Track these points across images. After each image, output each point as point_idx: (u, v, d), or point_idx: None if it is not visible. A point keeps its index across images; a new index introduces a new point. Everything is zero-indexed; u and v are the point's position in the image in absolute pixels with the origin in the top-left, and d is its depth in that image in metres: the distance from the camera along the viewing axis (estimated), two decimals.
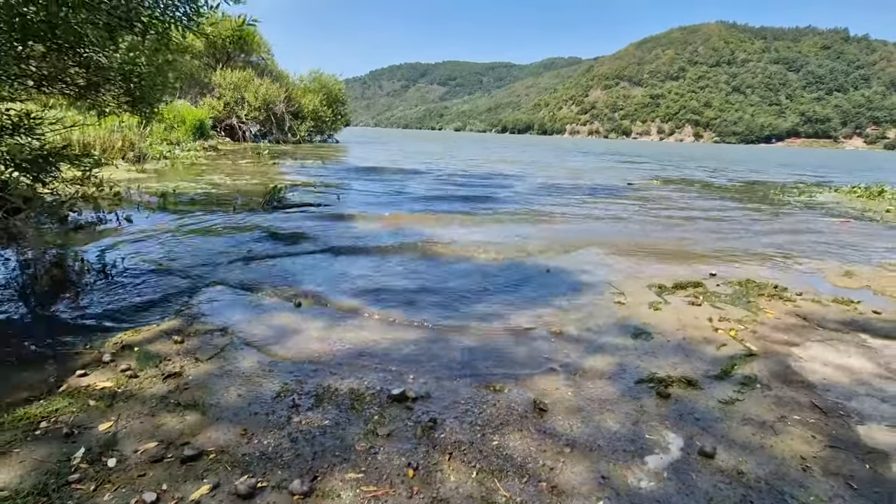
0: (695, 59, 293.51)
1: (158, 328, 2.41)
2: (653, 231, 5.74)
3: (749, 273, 3.97)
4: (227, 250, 3.95)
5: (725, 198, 9.70)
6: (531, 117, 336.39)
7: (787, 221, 6.88)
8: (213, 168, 10.55)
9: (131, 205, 5.79)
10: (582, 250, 4.58)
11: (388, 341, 2.42)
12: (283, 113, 23.56)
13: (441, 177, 11.27)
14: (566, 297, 3.22)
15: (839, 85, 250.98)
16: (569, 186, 10.34)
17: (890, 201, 9.85)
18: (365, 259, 3.95)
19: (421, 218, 5.96)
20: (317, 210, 6.10)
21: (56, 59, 3.71)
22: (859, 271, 4.13)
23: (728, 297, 3.25)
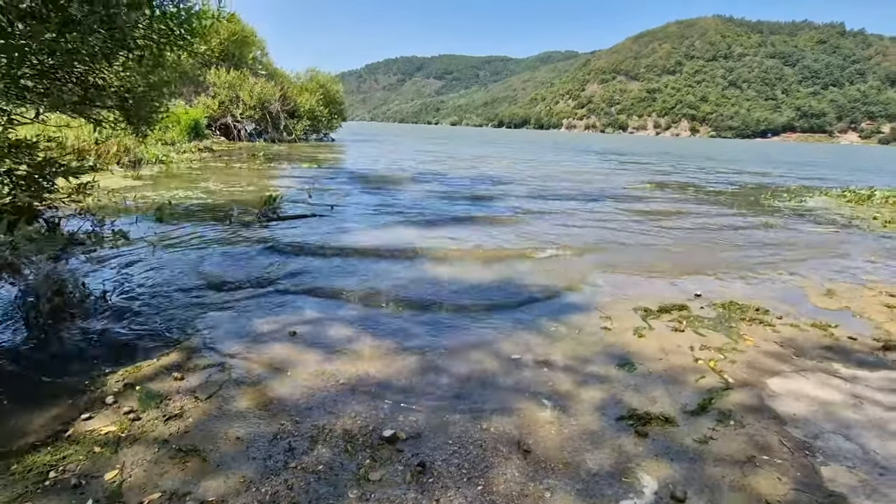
0: (691, 53, 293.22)
1: (158, 363, 2.49)
2: (642, 244, 5.84)
3: (733, 292, 4.08)
4: (223, 272, 4.03)
5: (716, 203, 9.82)
6: (528, 112, 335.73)
7: (775, 231, 7.00)
8: (208, 173, 10.57)
9: (128, 215, 5.85)
10: (573, 268, 4.68)
11: (382, 374, 2.51)
12: (279, 112, 23.50)
13: (433, 180, 11.33)
14: (555, 321, 3.32)
15: (835, 80, 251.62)
16: (563, 193, 10.43)
17: (878, 206, 10.01)
18: (357, 279, 4.03)
19: (411, 230, 6.04)
20: (310, 223, 6.16)
21: (49, 78, 3.75)
22: (840, 290, 4.25)
23: (710, 322, 3.36)
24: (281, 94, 23.78)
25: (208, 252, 4.59)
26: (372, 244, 5.23)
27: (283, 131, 23.81)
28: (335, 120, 28.65)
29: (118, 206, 6.46)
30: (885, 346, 3.03)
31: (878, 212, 9.10)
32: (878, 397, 2.38)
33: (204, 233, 5.32)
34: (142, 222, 5.60)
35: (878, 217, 8.42)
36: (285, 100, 24.29)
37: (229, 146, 19.30)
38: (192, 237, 5.10)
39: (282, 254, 4.67)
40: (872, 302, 3.94)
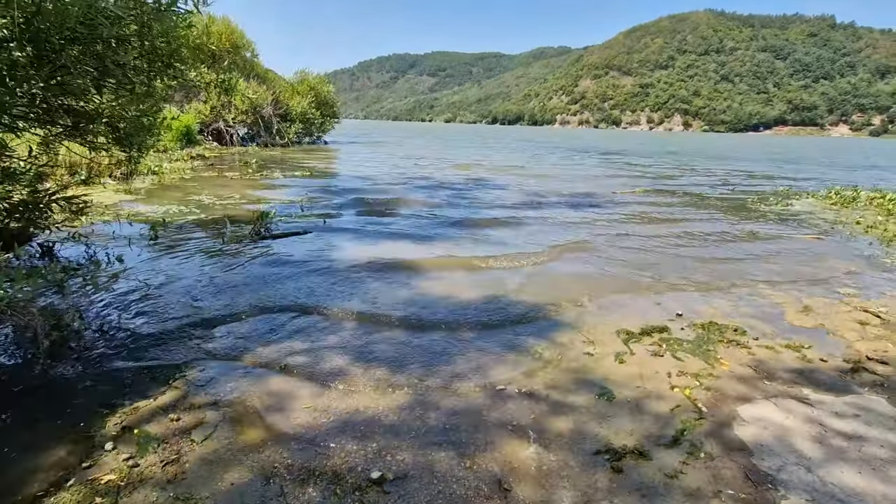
0: (684, 47, 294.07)
1: (156, 403, 2.59)
2: (628, 258, 5.97)
3: (714, 310, 4.22)
4: (217, 298, 4.11)
5: (704, 208, 9.97)
6: (521, 108, 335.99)
7: (760, 240, 7.16)
8: (201, 184, 10.61)
9: (122, 234, 5.90)
10: (560, 285, 4.80)
11: (372, 408, 2.62)
12: (271, 116, 23.47)
13: (425, 187, 11.43)
14: (540, 345, 3.44)
15: (825, 72, 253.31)
16: (553, 200, 10.55)
17: (862, 208, 10.20)
18: (349, 300, 4.13)
19: (403, 244, 6.14)
20: (303, 239, 6.24)
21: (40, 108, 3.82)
22: (817, 305, 4.40)
23: (689, 345, 3.48)
24: (273, 97, 23.73)
25: (202, 275, 4.67)
26: (363, 261, 5.33)
27: (276, 135, 23.78)
28: (328, 122, 28.61)
29: (111, 226, 6.50)
30: (853, 369, 3.17)
31: (861, 215, 9.28)
32: (841, 426, 2.51)
33: (198, 253, 5.39)
34: (136, 243, 5.67)
35: (860, 221, 8.59)
36: (277, 103, 24.25)
37: (221, 152, 19.29)
38: (187, 258, 5.17)
39: (274, 275, 4.76)
40: (846, 319, 4.08)
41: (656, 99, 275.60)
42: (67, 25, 2.53)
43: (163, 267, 4.87)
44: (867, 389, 2.94)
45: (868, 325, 3.97)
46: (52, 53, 2.78)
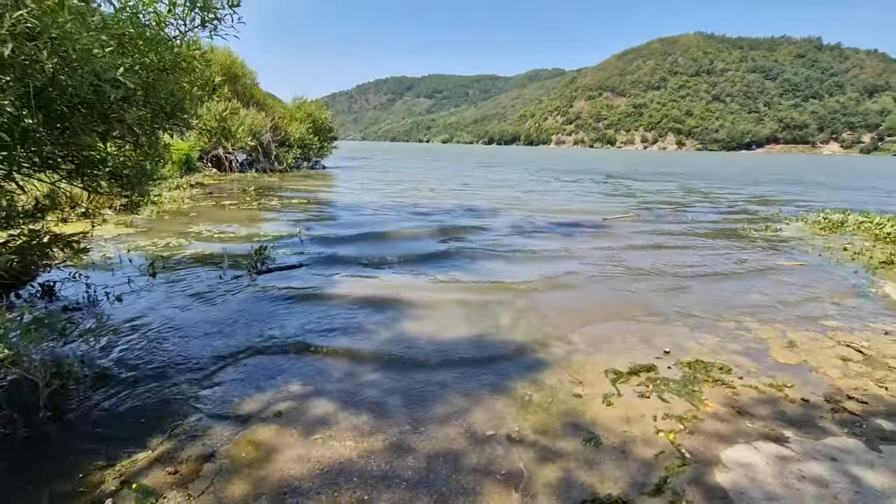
0: (675, 69, 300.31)
1: (153, 454, 2.66)
2: (618, 291, 6.09)
3: (701, 347, 4.32)
4: (214, 340, 4.20)
5: (693, 235, 10.14)
6: (517, 128, 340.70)
7: (748, 269, 7.30)
8: (200, 214, 10.76)
9: (121, 271, 6.00)
10: (549, 321, 4.90)
11: (359, 456, 2.69)
12: (270, 142, 23.84)
13: (421, 215, 11.61)
14: (529, 386, 3.53)
15: (814, 92, 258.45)
16: (546, 227, 10.72)
17: (850, 233, 10.39)
18: (341, 341, 4.22)
19: (393, 280, 6.25)
20: (300, 274, 6.35)
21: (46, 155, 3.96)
22: (801, 340, 4.50)
23: (675, 385, 3.58)
24: (272, 124, 24.14)
25: (200, 315, 4.76)
26: (356, 296, 5.43)
27: (275, 161, 24.11)
28: (325, 147, 29.04)
29: (111, 262, 6.61)
30: (833, 409, 3.26)
31: (849, 241, 9.46)
32: (817, 471, 2.60)
33: (196, 291, 5.49)
34: (135, 281, 5.76)
35: (847, 248, 8.76)
36: (276, 129, 24.66)
37: (220, 178, 19.53)
38: (185, 297, 5.27)
39: (269, 315, 4.85)
40: (829, 354, 4.18)
41: (650, 119, 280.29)
42: (77, 93, 2.69)
43: (161, 307, 4.96)
44: (846, 431, 3.03)
45: (850, 360, 4.08)
46: (61, 117, 2.94)
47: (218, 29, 3.93)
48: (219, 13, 3.82)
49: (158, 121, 4.12)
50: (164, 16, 3.64)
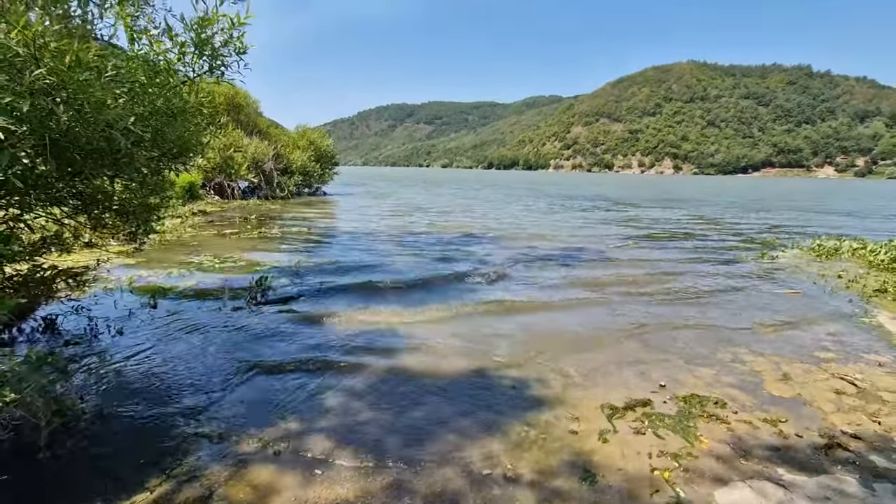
0: (670, 95, 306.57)
1: (152, 496, 2.67)
2: (616, 321, 6.14)
3: (696, 380, 4.35)
4: (212, 377, 4.23)
5: (690, 262, 10.24)
6: (516, 153, 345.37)
7: (745, 298, 7.36)
8: (201, 243, 10.88)
9: (122, 302, 6.05)
10: (546, 353, 4.94)
11: (357, 499, 2.70)
12: (272, 170, 24.21)
13: (420, 243, 11.74)
14: (524, 423, 3.55)
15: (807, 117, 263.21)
16: (545, 255, 10.82)
17: (846, 259, 10.49)
18: (338, 378, 4.25)
19: (392, 311, 6.31)
20: (298, 306, 6.41)
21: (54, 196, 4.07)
22: (795, 373, 4.54)
23: (671, 421, 3.60)
24: (274, 152, 24.58)
25: (200, 349, 4.80)
26: (354, 328, 5.48)
27: (277, 188, 24.43)
28: (327, 173, 29.47)
29: (112, 293, 6.68)
30: (828, 445, 3.28)
31: (843, 268, 9.54)
32: None
33: (196, 324, 5.54)
34: (136, 313, 5.82)
35: (842, 275, 8.84)
36: (278, 157, 25.09)
37: (223, 206, 19.76)
38: (185, 330, 5.32)
39: (268, 349, 4.89)
40: (823, 388, 4.21)
41: (646, 143, 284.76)
42: (89, 142, 2.82)
43: (161, 340, 5.00)
44: (840, 468, 3.05)
45: (844, 394, 4.10)
46: (73, 163, 3.07)
47: (225, 74, 4.13)
48: (226, 60, 4.02)
49: (166, 161, 4.28)
50: (174, 63, 3.84)
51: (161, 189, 4.79)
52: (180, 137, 3.86)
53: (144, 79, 3.45)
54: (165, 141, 3.69)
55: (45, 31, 2.42)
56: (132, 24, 3.63)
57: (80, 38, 2.82)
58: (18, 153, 2.45)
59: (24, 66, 2.50)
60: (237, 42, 3.91)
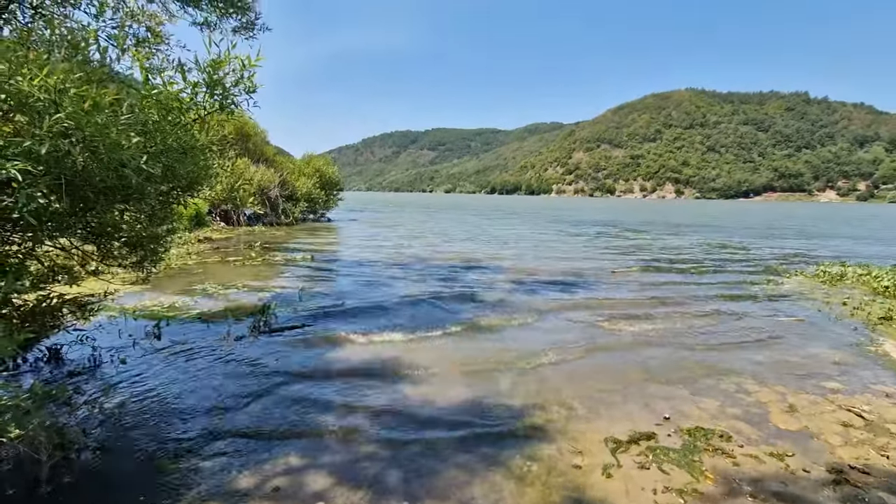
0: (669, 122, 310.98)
1: None
2: (619, 352, 6.11)
3: (701, 412, 4.31)
4: (212, 411, 4.23)
5: (693, 289, 10.21)
6: (519, 178, 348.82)
7: (749, 326, 7.32)
8: (206, 271, 10.97)
9: (126, 331, 6.09)
10: (548, 385, 4.91)
11: None
12: (278, 196, 24.55)
13: (423, 271, 11.79)
14: (527, 457, 3.52)
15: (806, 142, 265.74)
16: (548, 281, 10.84)
17: (850, 286, 10.44)
18: (338, 411, 4.24)
19: (394, 342, 6.30)
20: (300, 335, 6.43)
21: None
22: (801, 404, 4.48)
23: (675, 455, 3.56)
24: (280, 179, 24.98)
25: (201, 381, 4.81)
26: (355, 361, 5.48)
27: (282, 214, 24.72)
28: (332, 200, 29.83)
29: (116, 321, 6.72)
30: (835, 480, 3.23)
31: (848, 295, 9.50)
32: None
33: (199, 354, 5.56)
34: (140, 343, 5.85)
35: (847, 302, 8.79)
36: (284, 184, 25.47)
37: (228, 233, 19.97)
38: (187, 361, 5.33)
39: (268, 381, 4.89)
40: (830, 420, 4.16)
41: (647, 168, 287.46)
42: (103, 181, 2.93)
43: (163, 371, 5.02)
44: None
45: (851, 426, 4.05)
46: (86, 200, 3.17)
47: (235, 113, 4.28)
48: (236, 99, 4.18)
49: (175, 195, 4.40)
50: (187, 102, 3.99)
51: (169, 220, 4.89)
52: (190, 172, 3.98)
53: (157, 117, 3.59)
54: (176, 176, 3.80)
55: (66, 77, 2.55)
56: (147, 65, 3.80)
57: (98, 83, 2.96)
58: (35, 193, 2.55)
59: (44, 110, 2.63)
60: (247, 82, 4.07)
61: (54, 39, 3.01)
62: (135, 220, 4.52)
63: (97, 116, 2.72)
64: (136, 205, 3.80)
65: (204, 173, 4.29)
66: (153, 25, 5.13)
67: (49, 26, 3.22)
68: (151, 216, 4.34)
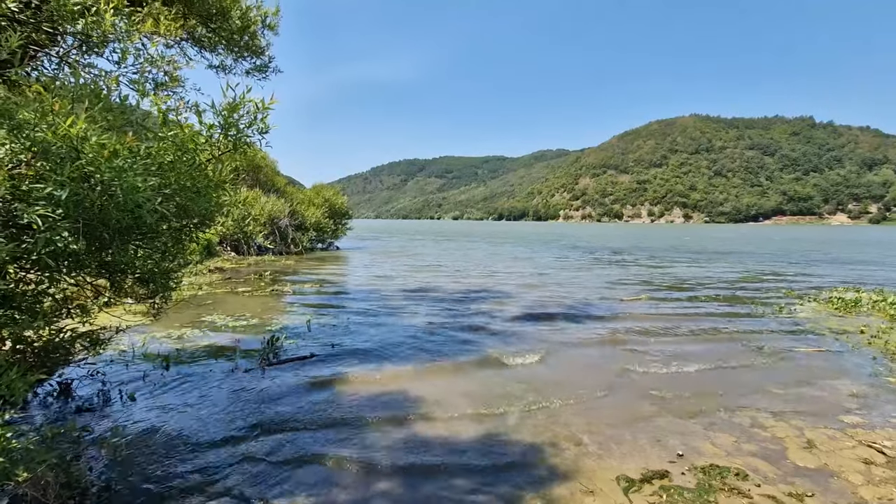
0: (675, 147, 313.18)
1: None
2: (629, 384, 6.02)
3: (716, 448, 4.19)
4: (220, 448, 4.21)
5: (705, 317, 10.08)
6: (526, 205, 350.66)
7: (762, 356, 7.17)
8: (215, 302, 11.07)
9: (135, 364, 6.12)
10: (559, 419, 4.83)
11: None
12: (287, 226, 24.89)
13: (431, 301, 11.78)
14: (540, 498, 3.43)
15: (814, 166, 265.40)
16: (556, 310, 10.77)
17: (866, 313, 10.23)
18: (349, 447, 4.19)
19: (404, 375, 6.26)
20: (309, 367, 6.41)
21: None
22: (820, 440, 4.35)
23: (690, 495, 3.45)
24: (290, 209, 25.39)
25: (209, 416, 4.80)
26: (364, 393, 5.44)
27: (291, 244, 25.00)
28: (340, 229, 30.16)
29: (126, 354, 6.77)
30: None
31: (865, 323, 9.30)
32: None
33: (208, 387, 5.56)
34: (149, 377, 5.87)
35: (864, 331, 8.61)
36: (294, 214, 25.86)
37: (238, 262, 20.20)
38: (196, 396, 5.33)
39: (278, 415, 4.87)
40: (850, 457, 4.03)
41: (654, 193, 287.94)
42: (119, 222, 3.02)
43: (172, 406, 5.02)
44: None
45: (873, 463, 3.91)
46: (101, 240, 3.27)
47: (247, 152, 4.43)
48: (249, 140, 4.33)
49: (188, 231, 4.51)
50: (202, 144, 4.15)
51: (181, 255, 4.99)
52: (203, 209, 4.09)
53: (173, 157, 3.73)
54: (189, 214, 3.91)
55: (88, 128, 2.68)
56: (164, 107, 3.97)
57: (118, 129, 3.10)
58: (53, 237, 2.64)
59: (66, 157, 2.75)
60: (261, 123, 4.23)
61: (78, 89, 3.18)
62: (147, 256, 4.63)
63: (116, 161, 2.84)
64: (150, 242, 3.89)
65: (217, 210, 4.41)
66: (171, 70, 5.37)
67: (75, 76, 3.40)
68: (164, 252, 4.44)
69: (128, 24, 4.65)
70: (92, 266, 4.36)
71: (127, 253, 4.10)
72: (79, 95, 3.25)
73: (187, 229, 4.47)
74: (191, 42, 6.49)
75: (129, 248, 4.01)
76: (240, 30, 6.59)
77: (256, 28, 6.85)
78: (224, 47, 6.39)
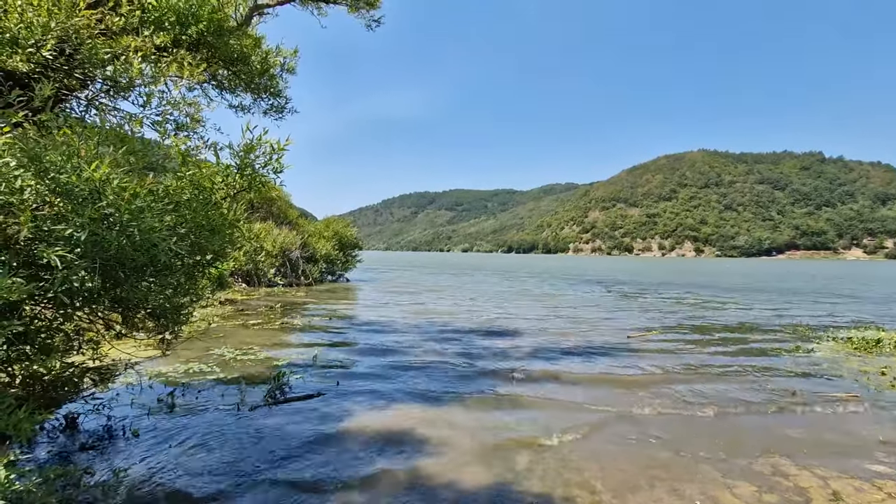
0: (684, 181, 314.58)
1: None
2: (644, 429, 5.83)
3: (735, 498, 4.01)
4: (226, 489, 4.13)
5: (719, 356, 9.83)
6: (535, 237, 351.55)
7: (780, 399, 6.94)
8: (224, 334, 11.08)
9: (140, 401, 6.08)
10: (571, 467, 4.67)
11: None
12: (298, 258, 25.15)
13: (440, 337, 11.68)
14: None
15: (826, 200, 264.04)
16: (567, 349, 10.60)
17: (888, 354, 9.91)
18: (354, 492, 4.08)
19: (411, 416, 6.15)
20: (315, 405, 6.33)
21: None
22: (846, 491, 4.14)
23: None
24: (301, 241, 25.72)
25: (214, 455, 4.72)
26: (370, 434, 5.33)
27: (301, 275, 25.18)
28: (350, 261, 30.38)
29: (131, 389, 6.76)
30: None
31: (886, 364, 9.00)
32: None
33: (212, 425, 5.50)
34: (154, 412, 5.84)
35: (886, 372, 8.31)
36: (305, 246, 26.18)
37: (249, 294, 20.32)
38: (200, 433, 5.27)
39: (282, 456, 4.77)
40: None
41: (664, 227, 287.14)
42: (135, 261, 3.09)
43: (176, 445, 4.96)
44: None
45: None
46: (117, 278, 3.34)
47: (261, 191, 4.55)
48: (264, 179, 4.46)
49: (201, 268, 4.59)
50: (218, 183, 4.27)
51: (194, 291, 5.05)
52: (217, 247, 4.17)
53: (189, 196, 3.85)
54: (202, 252, 3.99)
55: (111, 172, 2.79)
56: (184, 148, 4.13)
57: (138, 172, 3.22)
58: (71, 276, 2.71)
59: (88, 199, 2.85)
60: (275, 163, 4.36)
61: (104, 133, 3.33)
62: (160, 291, 4.70)
63: (135, 203, 2.93)
64: (164, 279, 3.96)
65: (230, 246, 4.49)
66: (193, 112, 5.60)
67: (101, 122, 3.57)
68: (176, 287, 4.51)
69: (154, 69, 4.89)
70: (105, 302, 4.43)
71: (140, 289, 4.17)
72: (104, 139, 3.40)
73: (200, 265, 4.55)
74: (212, 84, 6.80)
75: (143, 285, 4.08)
76: (260, 73, 6.90)
77: (275, 71, 7.18)
78: (244, 88, 6.67)
